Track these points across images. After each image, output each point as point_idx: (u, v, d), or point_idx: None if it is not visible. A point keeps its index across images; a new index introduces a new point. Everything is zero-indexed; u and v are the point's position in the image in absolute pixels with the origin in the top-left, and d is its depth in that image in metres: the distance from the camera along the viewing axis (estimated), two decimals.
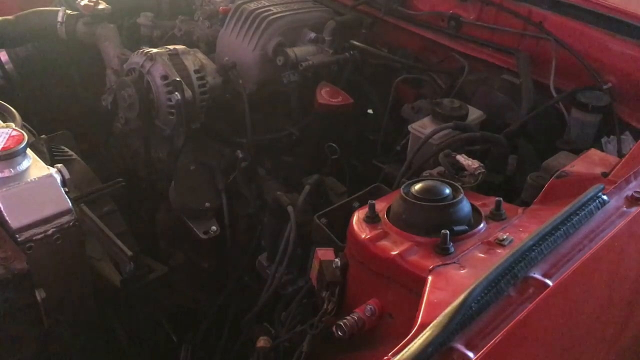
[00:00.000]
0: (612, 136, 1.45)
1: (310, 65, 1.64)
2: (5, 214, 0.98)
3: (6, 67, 1.85)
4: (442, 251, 0.89)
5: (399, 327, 0.88)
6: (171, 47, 1.61)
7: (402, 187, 0.99)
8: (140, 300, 1.24)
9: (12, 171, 1.01)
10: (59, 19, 1.77)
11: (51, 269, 1.03)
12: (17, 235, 0.98)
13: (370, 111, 1.80)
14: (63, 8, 1.79)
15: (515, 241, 0.90)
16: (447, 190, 0.97)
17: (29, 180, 1.01)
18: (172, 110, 1.54)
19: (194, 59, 1.60)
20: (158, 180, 1.66)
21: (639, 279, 1.01)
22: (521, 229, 0.95)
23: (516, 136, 1.46)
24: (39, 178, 1.02)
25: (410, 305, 0.81)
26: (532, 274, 0.80)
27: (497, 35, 1.67)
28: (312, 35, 1.71)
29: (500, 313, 0.75)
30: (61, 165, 1.07)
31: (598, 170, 1.08)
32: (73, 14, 1.77)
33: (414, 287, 0.86)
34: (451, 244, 0.90)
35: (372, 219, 0.97)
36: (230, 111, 1.67)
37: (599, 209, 0.92)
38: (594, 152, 1.17)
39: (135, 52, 1.61)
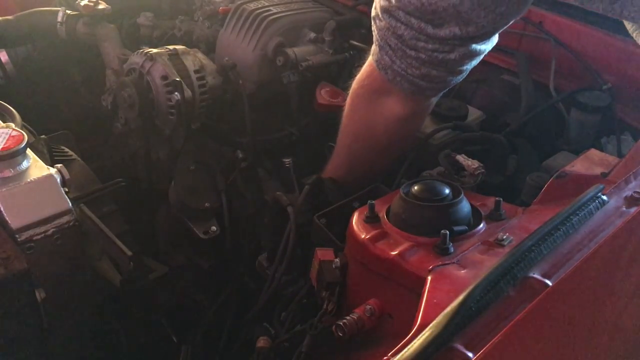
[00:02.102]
0: (611, 136, 1.45)
1: (310, 66, 1.64)
2: (5, 214, 0.98)
3: (6, 67, 1.85)
4: (442, 251, 0.89)
5: (398, 327, 0.88)
6: (171, 47, 1.61)
7: (402, 187, 0.99)
8: (140, 300, 1.24)
9: (12, 171, 1.01)
10: (59, 19, 1.76)
11: (51, 269, 1.03)
12: (17, 236, 0.98)
13: None
14: (63, 8, 1.79)
15: (515, 241, 0.90)
16: (447, 191, 0.97)
17: (29, 180, 1.01)
18: (172, 111, 1.54)
19: (193, 59, 1.60)
20: (158, 181, 1.66)
21: (639, 279, 1.01)
22: (521, 229, 0.95)
23: (516, 136, 1.46)
24: (39, 178, 1.02)
25: (410, 305, 0.81)
26: (531, 274, 0.80)
27: None
28: (312, 35, 1.71)
29: (500, 313, 0.75)
30: (61, 165, 1.07)
31: (598, 171, 1.08)
32: (73, 14, 1.77)
33: (413, 287, 0.86)
34: (451, 244, 0.90)
35: (371, 219, 0.97)
36: (230, 111, 1.67)
37: (598, 209, 0.92)
38: (593, 152, 1.17)
39: (135, 52, 1.61)
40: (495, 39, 1.12)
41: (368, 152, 1.25)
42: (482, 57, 1.12)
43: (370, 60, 1.17)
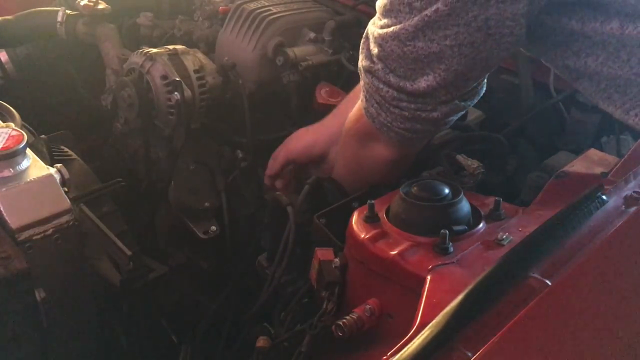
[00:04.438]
0: (611, 136, 1.45)
1: (310, 65, 1.64)
2: (5, 214, 0.98)
3: (6, 67, 1.85)
4: (442, 251, 0.89)
5: (398, 327, 0.88)
6: (171, 47, 1.61)
7: (402, 187, 0.99)
8: (140, 300, 1.24)
9: (12, 171, 1.00)
10: (59, 19, 1.76)
11: (51, 269, 1.03)
12: (17, 235, 0.98)
13: None
14: (63, 8, 1.79)
15: (515, 241, 0.90)
16: (447, 190, 0.97)
17: (28, 180, 1.01)
18: (172, 110, 1.54)
19: (193, 59, 1.60)
20: (158, 180, 1.66)
21: (638, 278, 1.01)
22: (520, 228, 0.95)
23: (516, 136, 1.46)
24: (38, 178, 1.02)
25: (410, 305, 0.81)
26: (531, 274, 0.80)
27: None
28: (312, 35, 1.71)
29: (500, 313, 0.75)
30: (61, 165, 1.07)
31: (598, 170, 1.08)
32: (73, 14, 1.77)
33: (413, 286, 0.86)
34: (450, 244, 0.90)
35: (371, 219, 0.97)
36: (230, 111, 1.67)
37: (598, 208, 0.92)
38: (593, 152, 1.17)
39: (135, 52, 1.61)
40: (480, 92, 1.13)
41: (361, 185, 1.29)
42: (465, 109, 1.13)
43: (359, 105, 1.19)
